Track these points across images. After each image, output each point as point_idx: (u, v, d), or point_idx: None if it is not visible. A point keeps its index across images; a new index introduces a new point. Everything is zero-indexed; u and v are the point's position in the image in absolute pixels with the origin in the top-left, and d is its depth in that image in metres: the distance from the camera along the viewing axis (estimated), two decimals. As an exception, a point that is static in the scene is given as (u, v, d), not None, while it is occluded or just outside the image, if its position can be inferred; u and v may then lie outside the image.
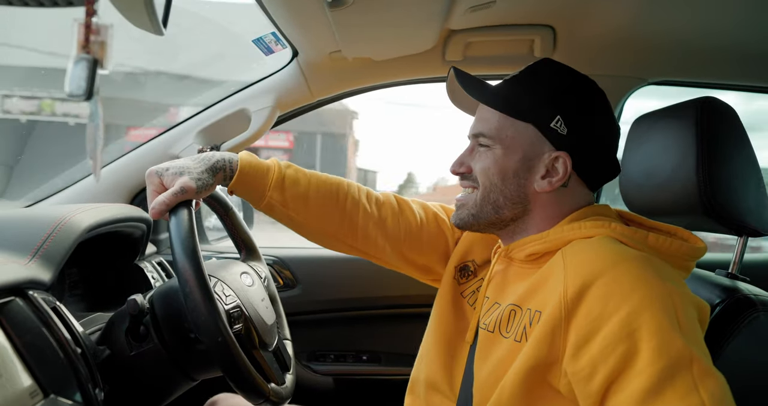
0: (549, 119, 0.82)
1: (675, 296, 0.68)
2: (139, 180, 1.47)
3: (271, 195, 0.93)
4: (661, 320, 0.64)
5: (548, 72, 0.87)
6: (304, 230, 1.00)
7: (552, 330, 0.70)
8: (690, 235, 0.84)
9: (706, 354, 0.66)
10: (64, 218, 0.90)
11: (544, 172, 0.84)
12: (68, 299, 1.09)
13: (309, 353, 1.63)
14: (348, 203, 1.00)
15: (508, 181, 0.85)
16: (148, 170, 0.87)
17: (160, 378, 0.86)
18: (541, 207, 0.86)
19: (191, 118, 1.50)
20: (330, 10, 1.05)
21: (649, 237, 0.78)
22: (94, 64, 0.47)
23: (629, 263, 0.70)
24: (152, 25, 0.61)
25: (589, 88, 0.87)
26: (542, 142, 0.84)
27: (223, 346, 0.74)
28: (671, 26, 1.25)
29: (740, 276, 1.00)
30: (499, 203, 0.86)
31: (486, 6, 1.20)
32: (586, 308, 0.68)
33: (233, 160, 0.91)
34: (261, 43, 1.37)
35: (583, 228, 0.80)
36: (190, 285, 0.73)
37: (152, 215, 0.83)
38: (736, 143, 0.95)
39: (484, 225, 0.89)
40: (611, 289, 0.67)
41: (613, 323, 0.65)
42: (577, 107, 0.84)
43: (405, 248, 1.04)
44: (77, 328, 0.78)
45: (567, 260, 0.75)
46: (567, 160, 0.82)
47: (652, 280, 0.68)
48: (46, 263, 0.81)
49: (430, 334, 1.00)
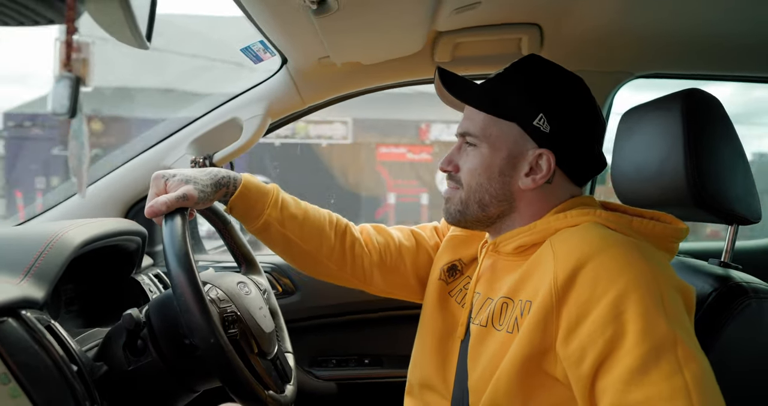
0: (532, 117, 0.84)
1: (660, 279, 0.69)
2: (133, 193, 1.47)
3: (270, 213, 0.96)
4: (647, 303, 0.66)
5: (532, 69, 0.88)
6: (295, 251, 1.01)
7: (544, 317, 0.72)
8: (672, 218, 0.85)
9: (690, 336, 0.67)
10: (57, 234, 0.89)
11: (528, 170, 0.85)
12: (64, 315, 1.09)
13: (310, 359, 1.63)
14: (339, 227, 1.05)
15: (494, 179, 0.87)
16: (155, 173, 0.88)
17: (159, 392, 0.86)
18: (527, 204, 0.88)
19: (183, 128, 1.50)
20: (315, 17, 1.05)
21: (633, 221, 0.80)
22: (77, 82, 0.47)
23: (616, 248, 0.72)
24: (135, 39, 0.61)
25: (573, 84, 0.88)
26: (526, 140, 0.85)
27: (216, 347, 0.73)
28: (656, 20, 1.26)
29: (732, 264, 1.01)
30: (484, 202, 0.88)
31: (471, 7, 1.21)
32: (576, 293, 0.70)
33: (237, 179, 0.94)
34: (249, 51, 1.37)
35: (569, 217, 0.82)
36: (182, 287, 0.73)
37: (148, 213, 0.83)
38: (723, 133, 0.96)
39: (471, 222, 0.92)
40: (599, 273, 0.69)
41: (602, 307, 0.67)
42: (560, 104, 0.85)
43: (391, 269, 1.07)
44: (73, 345, 0.77)
45: (555, 248, 0.77)
46: (550, 158, 0.84)
47: (638, 264, 0.70)
48: (38, 281, 0.80)
49: (420, 336, 1.01)
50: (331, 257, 1.04)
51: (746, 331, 0.88)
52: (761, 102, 6.33)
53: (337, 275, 1.07)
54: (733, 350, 0.88)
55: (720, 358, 0.88)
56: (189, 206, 0.85)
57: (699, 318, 0.90)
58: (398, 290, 1.11)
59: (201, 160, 1.46)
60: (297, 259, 1.04)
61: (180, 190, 0.84)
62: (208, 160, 1.47)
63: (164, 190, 0.86)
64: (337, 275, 1.07)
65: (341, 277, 1.07)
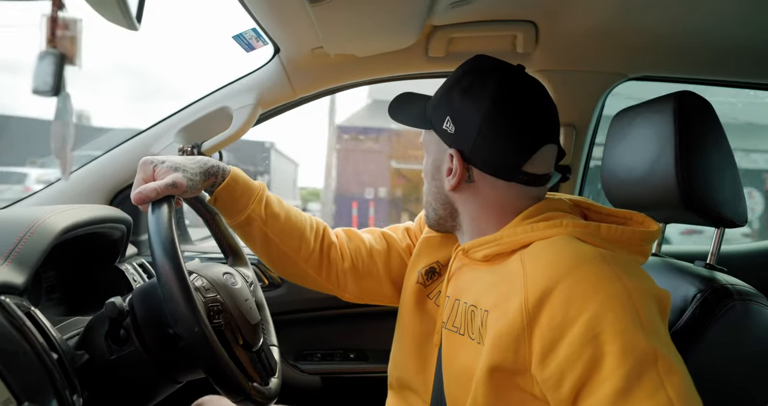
0: (441, 122, 0.87)
1: (634, 293, 0.67)
2: (118, 180, 1.45)
3: (254, 208, 0.95)
4: (623, 322, 0.64)
5: (457, 74, 0.89)
6: (273, 251, 1.01)
7: (516, 339, 0.70)
8: (645, 218, 0.85)
9: (668, 347, 0.66)
10: (39, 219, 0.87)
11: (447, 171, 0.88)
12: (45, 303, 1.07)
13: (296, 353, 1.62)
14: (318, 231, 1.06)
15: (431, 183, 0.93)
16: (144, 158, 0.87)
17: (142, 382, 0.85)
18: (462, 205, 0.90)
19: (171, 116, 1.48)
20: (310, 5, 1.04)
21: (601, 229, 0.78)
22: (62, 59, 0.46)
23: (587, 266, 0.69)
24: (125, 19, 0.60)
25: (479, 74, 0.86)
26: (441, 144, 0.89)
27: (200, 336, 0.72)
28: (652, 22, 1.26)
29: (718, 267, 1.01)
30: (432, 205, 0.93)
31: (467, 2, 1.20)
32: (548, 315, 0.67)
33: (226, 170, 0.93)
34: (241, 39, 1.35)
35: (536, 230, 0.79)
36: (166, 274, 0.72)
37: (136, 199, 0.81)
38: (713, 136, 0.96)
39: (435, 225, 0.96)
40: (571, 294, 0.67)
41: (577, 329, 0.65)
42: (461, 102, 0.85)
43: (363, 274, 1.07)
44: (53, 333, 0.76)
45: (526, 265, 0.75)
46: (456, 156, 0.85)
47: (610, 281, 0.68)
48: (18, 266, 0.79)
49: (398, 338, 1.01)
50: (308, 261, 1.04)
51: (731, 333, 0.89)
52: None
53: (311, 279, 1.06)
54: (717, 351, 0.88)
55: (704, 359, 0.88)
56: (177, 194, 0.84)
57: (684, 320, 0.90)
58: (372, 295, 1.10)
59: (189, 149, 1.44)
60: (274, 259, 1.03)
61: (169, 177, 0.83)
62: (196, 149, 1.45)
63: (152, 177, 0.85)
64: (312, 280, 1.06)
65: (316, 281, 1.07)
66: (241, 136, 1.47)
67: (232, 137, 1.46)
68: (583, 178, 1.64)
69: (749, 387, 0.92)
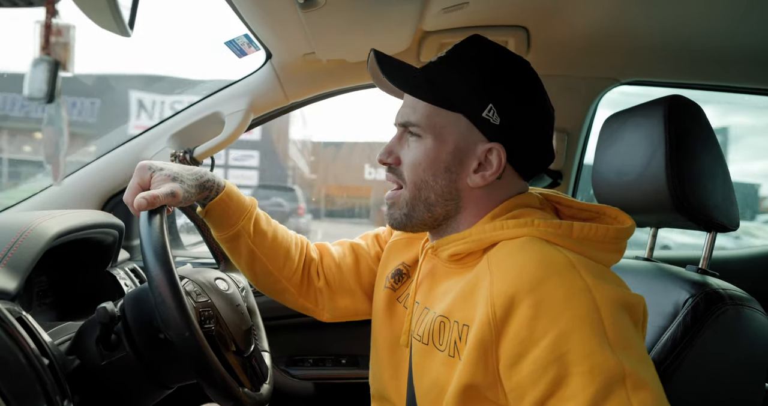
0: (480, 108, 0.76)
1: (603, 307, 0.64)
2: (111, 185, 1.44)
3: (243, 225, 0.95)
4: (590, 341, 0.61)
5: (477, 54, 0.80)
6: (258, 267, 1.00)
7: (484, 351, 0.67)
8: (618, 213, 0.80)
9: (639, 360, 0.63)
10: (31, 225, 0.87)
11: (476, 166, 0.78)
12: (37, 308, 1.06)
13: (287, 359, 1.62)
14: (302, 249, 1.05)
15: (440, 177, 0.79)
16: (142, 163, 0.84)
17: (133, 387, 0.84)
18: (474, 203, 0.81)
19: (163, 121, 1.48)
20: (302, 11, 1.04)
21: (573, 228, 0.73)
22: (55, 65, 0.46)
23: (556, 278, 0.65)
24: (117, 26, 0.60)
25: (523, 70, 0.81)
26: (474, 134, 0.78)
27: (191, 341, 0.71)
28: (643, 28, 1.28)
29: (710, 271, 1.02)
30: (430, 201, 0.81)
31: (459, 7, 1.21)
32: (514, 330, 0.65)
33: (220, 185, 0.92)
34: (234, 45, 1.35)
35: (506, 228, 0.75)
36: (158, 279, 0.71)
37: (138, 205, 0.78)
38: (704, 140, 0.97)
39: (417, 225, 0.84)
40: (539, 310, 0.64)
41: (542, 347, 0.62)
42: (511, 94, 0.78)
43: (336, 291, 1.06)
44: (45, 338, 0.75)
45: (492, 269, 0.71)
46: (501, 153, 0.77)
47: (579, 295, 0.64)
48: (10, 271, 0.78)
49: (373, 345, 0.99)
50: (291, 279, 1.03)
51: (723, 337, 0.89)
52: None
53: (291, 296, 1.05)
54: (709, 356, 0.89)
55: (696, 364, 0.88)
56: (173, 204, 0.83)
57: (675, 324, 0.91)
58: (347, 312, 1.07)
59: (181, 154, 1.44)
60: (258, 275, 1.01)
61: (167, 186, 0.81)
62: (188, 154, 1.45)
63: (148, 183, 0.83)
64: (291, 297, 1.05)
65: (295, 299, 1.05)
66: (233, 141, 1.47)
67: (224, 142, 1.45)
68: (575, 183, 1.65)
69: (742, 391, 0.92)
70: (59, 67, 0.47)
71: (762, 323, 0.91)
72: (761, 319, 0.91)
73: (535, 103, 0.80)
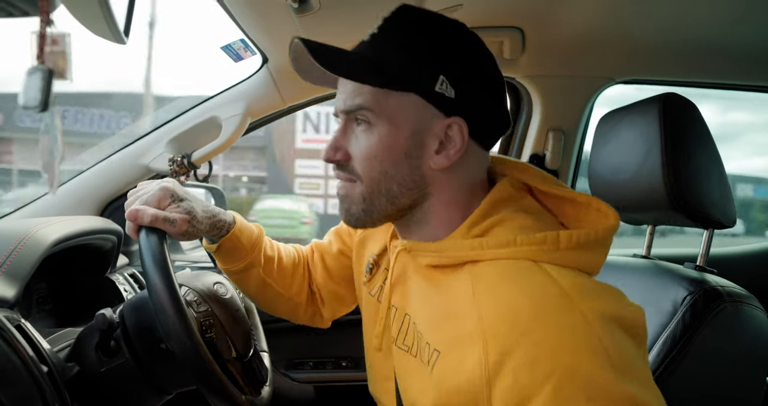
0: (432, 83, 0.68)
1: (604, 336, 0.58)
2: (109, 191, 1.45)
3: (255, 256, 0.93)
4: (595, 377, 0.56)
5: (414, 22, 0.71)
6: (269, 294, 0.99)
7: (474, 398, 0.61)
8: (601, 204, 0.72)
9: (645, 384, 0.59)
10: (29, 232, 0.87)
11: (437, 146, 0.71)
12: (36, 315, 1.06)
13: (287, 361, 1.61)
14: (303, 260, 1.04)
15: (400, 165, 0.71)
16: (168, 184, 0.83)
17: (132, 393, 0.84)
18: (440, 187, 0.73)
19: (161, 126, 1.48)
20: (297, 15, 1.05)
21: (560, 240, 0.66)
22: (49, 74, 0.46)
23: (551, 316, 0.59)
24: (112, 34, 0.60)
25: (464, 33, 0.73)
26: (430, 111, 0.70)
27: (192, 351, 0.71)
28: (637, 27, 1.28)
29: (708, 268, 1.02)
30: (393, 193, 0.72)
31: (453, 9, 1.21)
32: (512, 376, 0.58)
33: (230, 223, 0.91)
34: (230, 50, 1.36)
35: (485, 248, 0.67)
36: (158, 290, 0.72)
37: (130, 216, 0.78)
38: (699, 138, 0.98)
39: (379, 219, 0.75)
40: (538, 354, 0.58)
41: (547, 391, 0.56)
42: (460, 61, 0.70)
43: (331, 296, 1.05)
44: (43, 345, 0.76)
45: (480, 302, 0.64)
46: (463, 127, 0.70)
47: (576, 331, 0.58)
48: (9, 279, 0.79)
49: (365, 346, 0.97)
50: (300, 294, 1.02)
51: (721, 334, 0.89)
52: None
53: (303, 312, 1.05)
54: (708, 353, 0.89)
55: (695, 362, 0.89)
56: (170, 232, 0.81)
57: (674, 322, 0.91)
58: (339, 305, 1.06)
59: (179, 159, 1.44)
60: (268, 300, 1.00)
61: (174, 214, 0.80)
62: (186, 159, 1.45)
63: (163, 208, 0.81)
64: (303, 313, 1.05)
65: (305, 313, 1.05)
66: (231, 145, 1.48)
67: (222, 147, 1.46)
68: (573, 182, 1.65)
69: (741, 389, 0.93)
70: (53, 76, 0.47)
71: (760, 319, 0.91)
72: (760, 316, 0.91)
73: (483, 66, 0.72)
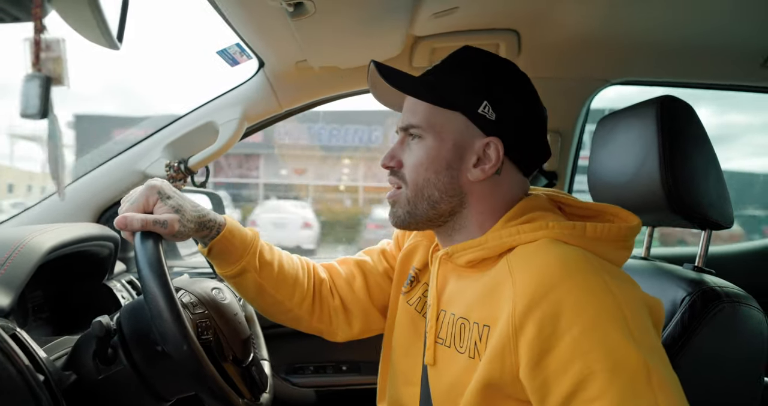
0: (476, 105, 0.81)
1: (624, 305, 0.65)
2: (106, 198, 1.44)
3: (249, 260, 0.93)
4: (614, 337, 0.62)
5: (469, 58, 0.86)
6: (266, 300, 0.98)
7: (502, 349, 0.68)
8: (619, 210, 0.82)
9: (661, 359, 0.64)
10: (23, 240, 0.87)
11: (475, 161, 0.82)
12: (32, 323, 1.05)
13: (287, 367, 1.61)
14: (310, 272, 1.04)
15: (441, 173, 0.83)
16: (153, 183, 0.84)
17: (131, 401, 0.83)
18: (477, 198, 0.84)
19: (157, 132, 1.48)
20: (292, 19, 1.05)
21: (587, 229, 0.75)
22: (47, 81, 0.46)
23: (577, 276, 0.67)
24: (105, 39, 0.60)
25: (512, 70, 0.86)
26: (471, 130, 0.82)
27: (188, 354, 0.71)
28: (633, 28, 1.29)
29: (706, 269, 1.02)
30: (434, 198, 0.83)
31: (449, 12, 1.21)
32: (537, 327, 0.65)
33: (220, 224, 0.91)
34: (226, 54, 1.35)
35: (522, 233, 0.77)
36: (153, 292, 0.71)
37: (119, 224, 0.78)
38: (696, 139, 0.98)
39: (422, 222, 0.86)
40: (561, 307, 0.64)
41: (566, 344, 0.63)
42: (504, 91, 0.82)
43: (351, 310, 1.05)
44: (40, 354, 0.75)
45: (514, 272, 0.72)
46: (499, 146, 0.81)
47: (601, 293, 0.65)
48: (4, 288, 0.78)
49: (384, 348, 0.99)
50: (302, 305, 1.01)
51: (720, 335, 0.89)
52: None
53: (305, 322, 1.04)
54: (706, 354, 0.89)
55: (694, 362, 0.89)
56: (163, 234, 0.81)
57: (673, 323, 0.91)
58: (362, 330, 1.06)
59: (176, 165, 1.44)
60: (267, 307, 1.00)
61: (164, 215, 0.81)
62: (183, 164, 1.44)
63: (151, 207, 0.82)
64: (306, 323, 1.04)
65: (309, 324, 1.04)
66: (227, 150, 1.47)
67: (219, 152, 1.45)
68: (570, 184, 1.65)
69: (740, 388, 0.93)
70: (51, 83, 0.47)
71: (758, 319, 0.91)
72: (758, 316, 0.91)
73: (526, 99, 0.85)
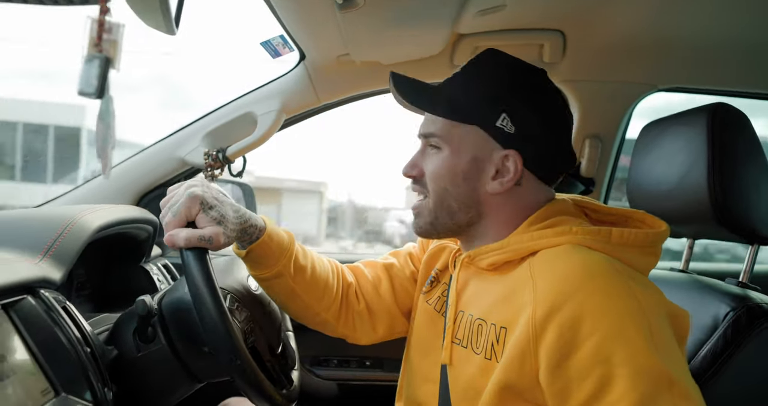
0: (494, 118, 0.79)
1: (648, 312, 0.63)
2: (146, 182, 1.48)
3: (284, 264, 0.91)
4: (636, 343, 0.61)
5: (490, 66, 0.84)
6: (297, 303, 0.97)
7: (521, 352, 0.67)
8: (645, 216, 0.80)
9: (683, 371, 0.62)
10: (74, 217, 0.89)
11: (494, 173, 0.81)
12: (75, 299, 1.09)
13: (312, 358, 1.62)
14: (339, 276, 1.03)
15: (459, 185, 0.82)
16: (195, 192, 0.79)
17: (166, 379, 0.86)
18: (496, 210, 0.83)
19: (198, 120, 1.50)
20: (340, 11, 1.05)
21: (612, 234, 0.74)
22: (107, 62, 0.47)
23: (599, 280, 0.65)
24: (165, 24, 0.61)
25: (536, 80, 0.84)
26: (489, 142, 0.81)
27: (240, 369, 0.74)
28: (684, 32, 1.25)
29: (751, 285, 0.99)
30: (452, 208, 0.84)
31: (496, 9, 1.20)
32: (557, 332, 0.64)
33: (261, 229, 0.88)
34: (269, 45, 1.37)
35: (545, 237, 0.75)
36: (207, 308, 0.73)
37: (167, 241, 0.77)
38: (748, 150, 0.95)
39: (443, 231, 0.87)
40: (583, 311, 0.63)
41: (587, 348, 0.62)
42: (524, 103, 0.80)
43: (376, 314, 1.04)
44: (87, 327, 0.77)
45: (535, 276, 0.71)
46: (517, 159, 0.80)
47: (624, 297, 0.64)
48: (56, 262, 0.81)
49: (406, 347, 0.99)
50: (329, 309, 1.00)
51: (764, 352, 0.86)
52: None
53: (331, 326, 1.03)
54: (749, 373, 0.86)
55: (735, 381, 0.86)
56: (209, 249, 0.79)
57: (714, 339, 0.88)
58: (385, 334, 1.05)
59: (214, 153, 1.46)
60: (295, 310, 0.99)
61: (208, 230, 0.78)
62: (221, 153, 1.47)
63: (194, 217, 0.79)
64: (331, 327, 1.03)
65: (335, 329, 1.03)
66: (265, 141, 1.49)
67: (257, 143, 1.47)
68: (607, 191, 1.62)
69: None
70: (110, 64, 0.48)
71: None
72: None
73: (549, 111, 0.82)
